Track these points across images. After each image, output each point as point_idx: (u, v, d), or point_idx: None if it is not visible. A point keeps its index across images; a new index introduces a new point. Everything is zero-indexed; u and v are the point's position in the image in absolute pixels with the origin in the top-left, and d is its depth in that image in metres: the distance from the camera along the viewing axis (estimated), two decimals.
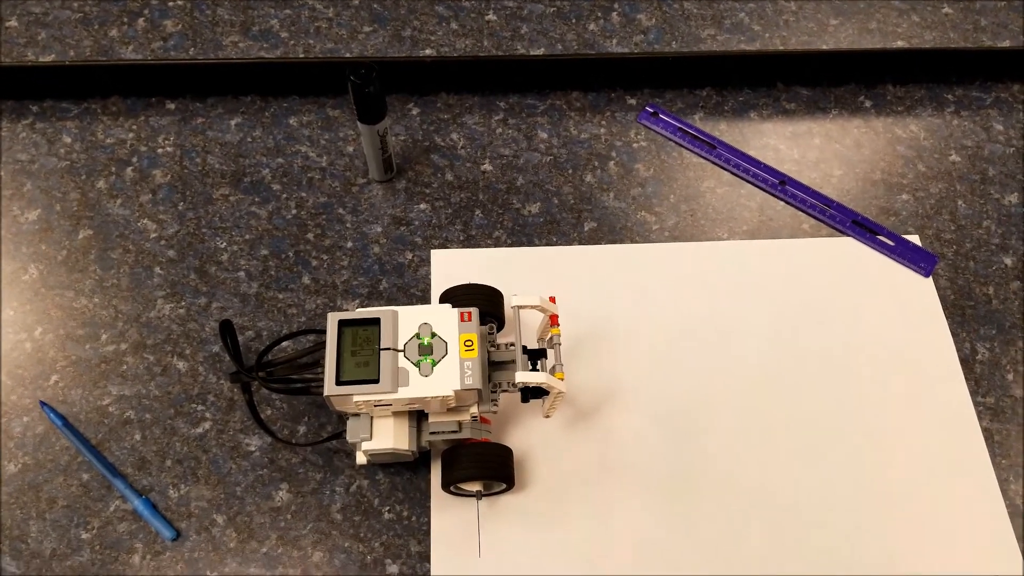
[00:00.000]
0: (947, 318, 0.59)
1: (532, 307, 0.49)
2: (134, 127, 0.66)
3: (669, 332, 0.58)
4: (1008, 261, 0.62)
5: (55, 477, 0.52)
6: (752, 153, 0.66)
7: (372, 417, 0.48)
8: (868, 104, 0.69)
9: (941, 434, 0.55)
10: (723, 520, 0.52)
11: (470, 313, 0.49)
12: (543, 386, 0.47)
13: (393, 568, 0.50)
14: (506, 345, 0.50)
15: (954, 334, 0.59)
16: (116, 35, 0.70)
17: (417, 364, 0.47)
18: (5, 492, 0.52)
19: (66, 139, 0.65)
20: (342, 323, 0.48)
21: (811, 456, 0.54)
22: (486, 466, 0.49)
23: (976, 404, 0.56)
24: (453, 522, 0.51)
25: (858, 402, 0.56)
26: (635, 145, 0.66)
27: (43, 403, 0.54)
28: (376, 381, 0.46)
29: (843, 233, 0.63)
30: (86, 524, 0.51)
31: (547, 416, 0.51)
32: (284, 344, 0.57)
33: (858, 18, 0.73)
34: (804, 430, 0.55)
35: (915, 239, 0.63)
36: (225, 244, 0.61)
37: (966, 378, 0.57)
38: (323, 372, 0.48)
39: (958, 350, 0.58)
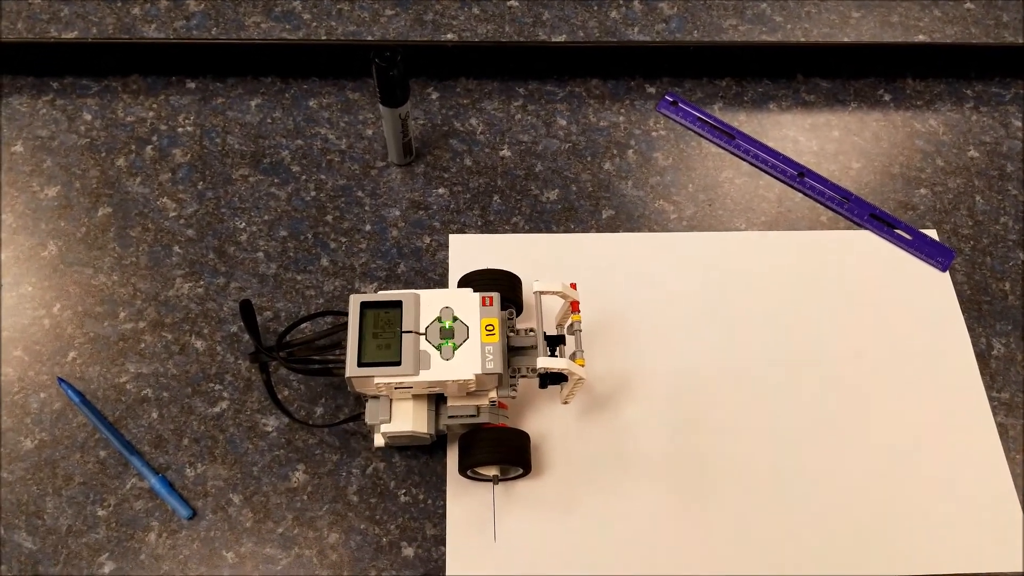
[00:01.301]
0: (963, 313, 0.59)
1: (554, 293, 0.49)
2: (154, 106, 0.66)
3: (686, 321, 0.58)
4: None
5: (72, 454, 0.52)
6: (771, 144, 0.66)
7: (391, 400, 0.48)
8: (887, 98, 0.69)
9: (955, 428, 0.55)
10: (737, 510, 0.52)
11: (492, 298, 0.49)
12: (564, 372, 0.47)
13: (408, 551, 0.50)
14: (525, 331, 0.50)
15: (970, 329, 0.59)
16: (139, 13, 0.69)
17: (438, 347, 0.47)
18: (21, 468, 0.52)
19: (86, 116, 0.65)
20: (364, 305, 0.48)
21: (825, 447, 0.54)
22: (503, 451, 0.49)
23: (991, 399, 0.56)
24: (469, 506, 0.51)
25: (873, 395, 0.56)
26: (654, 134, 0.66)
27: (61, 379, 0.54)
28: (398, 363, 0.46)
29: (861, 226, 0.63)
30: (102, 501, 0.51)
31: (565, 402, 0.51)
32: (302, 325, 0.57)
33: (880, 11, 0.73)
34: (818, 421, 0.55)
35: (932, 234, 0.63)
36: (244, 224, 0.61)
37: (981, 373, 0.57)
38: (343, 353, 0.48)
39: (974, 345, 0.58)
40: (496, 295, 0.49)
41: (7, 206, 0.61)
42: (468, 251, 0.60)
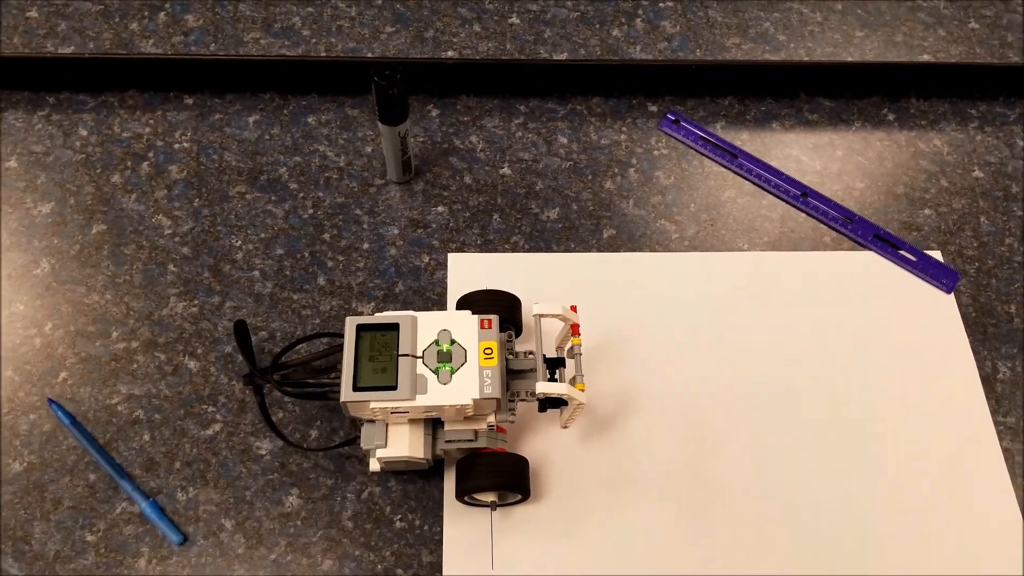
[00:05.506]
0: (968, 336, 0.59)
1: (554, 316, 0.48)
2: (151, 121, 0.65)
3: (687, 343, 0.57)
4: None
5: (61, 477, 0.52)
6: (774, 164, 0.66)
7: (387, 424, 0.48)
8: (891, 117, 0.69)
9: (961, 453, 0.54)
10: (740, 533, 0.51)
11: (490, 320, 0.48)
12: (564, 397, 0.46)
13: None
14: (524, 353, 0.50)
15: (975, 352, 0.58)
16: (136, 28, 0.69)
17: (436, 371, 0.46)
18: (9, 491, 0.51)
19: (82, 132, 0.64)
20: (360, 327, 0.47)
21: (828, 470, 0.53)
22: (501, 476, 0.48)
23: (996, 424, 0.56)
24: (466, 532, 0.50)
25: (877, 418, 0.55)
26: (656, 152, 0.66)
27: (51, 400, 0.53)
28: (394, 388, 0.45)
29: (864, 247, 0.62)
30: (91, 526, 0.50)
31: (565, 427, 0.50)
32: (298, 346, 0.56)
33: (884, 31, 0.73)
34: (821, 444, 0.54)
35: (937, 255, 0.62)
36: (240, 243, 0.60)
37: (987, 397, 0.56)
38: (339, 376, 0.47)
39: (979, 368, 0.58)
40: (495, 317, 0.48)
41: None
42: (467, 270, 0.59)
